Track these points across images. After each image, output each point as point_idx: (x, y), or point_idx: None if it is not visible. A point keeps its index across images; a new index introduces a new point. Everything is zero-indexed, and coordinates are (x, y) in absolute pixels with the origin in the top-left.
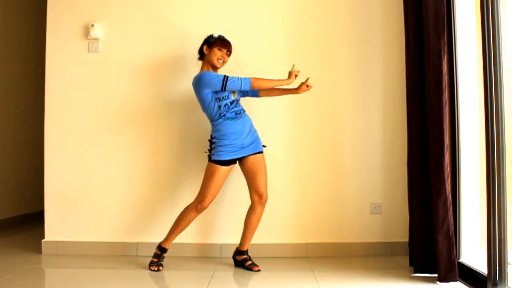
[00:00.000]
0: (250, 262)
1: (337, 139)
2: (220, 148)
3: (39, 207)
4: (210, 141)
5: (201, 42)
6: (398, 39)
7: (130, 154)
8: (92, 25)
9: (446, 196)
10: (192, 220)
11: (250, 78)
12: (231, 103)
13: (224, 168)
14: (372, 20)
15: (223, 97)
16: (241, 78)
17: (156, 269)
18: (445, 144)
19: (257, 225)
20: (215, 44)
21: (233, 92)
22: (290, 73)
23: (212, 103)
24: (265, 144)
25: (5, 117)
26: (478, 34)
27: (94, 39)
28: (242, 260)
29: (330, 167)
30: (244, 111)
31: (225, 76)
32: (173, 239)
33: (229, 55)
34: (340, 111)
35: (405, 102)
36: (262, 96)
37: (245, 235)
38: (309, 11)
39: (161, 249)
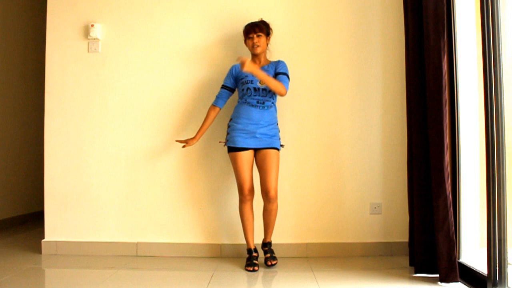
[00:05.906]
0: (268, 255)
1: (337, 139)
2: (233, 133)
3: (39, 207)
4: (228, 125)
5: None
6: (398, 39)
7: (130, 154)
8: (92, 25)
9: (446, 196)
10: (248, 212)
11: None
12: (255, 89)
13: (241, 153)
14: (372, 20)
15: (246, 81)
16: (218, 95)
17: (251, 269)
18: (445, 144)
19: (272, 219)
20: (244, 36)
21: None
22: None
23: (239, 85)
24: (283, 144)
25: (5, 117)
26: (478, 34)
27: (94, 39)
28: (263, 251)
29: (330, 167)
30: (271, 106)
31: (222, 87)
32: (249, 238)
33: (261, 35)
34: (340, 111)
35: (405, 102)
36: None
37: (264, 229)
38: (308, 10)
39: (247, 251)
